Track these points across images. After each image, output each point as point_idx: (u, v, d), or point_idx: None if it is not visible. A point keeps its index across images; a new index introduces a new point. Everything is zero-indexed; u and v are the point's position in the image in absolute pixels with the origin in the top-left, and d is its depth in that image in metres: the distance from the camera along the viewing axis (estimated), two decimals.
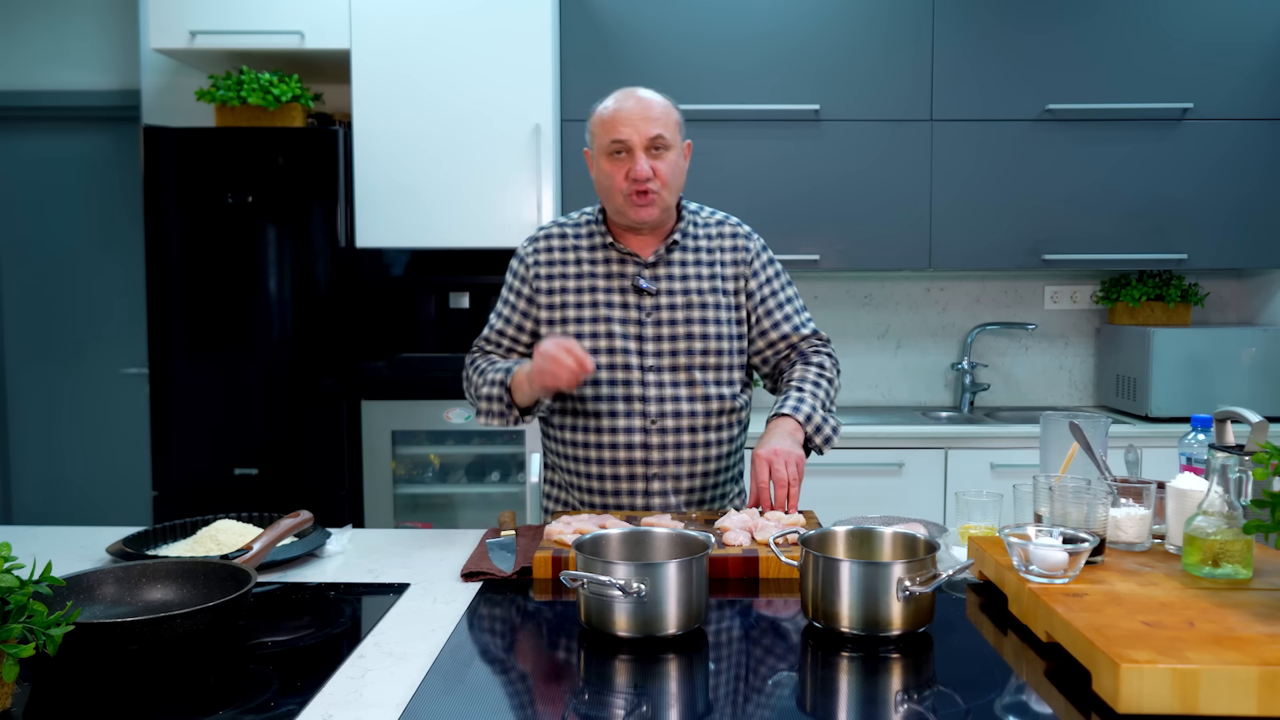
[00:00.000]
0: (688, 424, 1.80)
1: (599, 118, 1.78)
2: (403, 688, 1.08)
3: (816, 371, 1.86)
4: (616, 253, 1.83)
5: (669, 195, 1.78)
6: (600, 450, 1.81)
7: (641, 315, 1.80)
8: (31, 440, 3.82)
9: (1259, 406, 2.77)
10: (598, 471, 1.82)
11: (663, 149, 1.75)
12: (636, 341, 1.80)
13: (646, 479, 1.81)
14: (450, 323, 3.13)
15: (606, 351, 1.79)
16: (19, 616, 0.99)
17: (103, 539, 1.70)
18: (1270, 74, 3.25)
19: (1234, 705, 0.97)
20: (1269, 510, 1.17)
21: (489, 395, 1.80)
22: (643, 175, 1.73)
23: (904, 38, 3.26)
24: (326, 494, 3.07)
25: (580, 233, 1.87)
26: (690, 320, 1.80)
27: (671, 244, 1.83)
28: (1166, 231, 3.31)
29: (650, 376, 1.79)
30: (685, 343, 1.80)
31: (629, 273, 1.82)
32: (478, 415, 1.83)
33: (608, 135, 1.75)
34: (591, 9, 3.24)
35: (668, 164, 1.76)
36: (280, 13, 3.06)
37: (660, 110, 1.76)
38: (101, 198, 3.74)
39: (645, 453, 1.80)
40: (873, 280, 3.66)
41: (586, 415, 1.81)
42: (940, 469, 3.10)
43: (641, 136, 1.73)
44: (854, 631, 1.21)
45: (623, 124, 1.74)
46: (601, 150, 1.78)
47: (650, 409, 1.79)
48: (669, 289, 1.82)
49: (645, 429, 1.79)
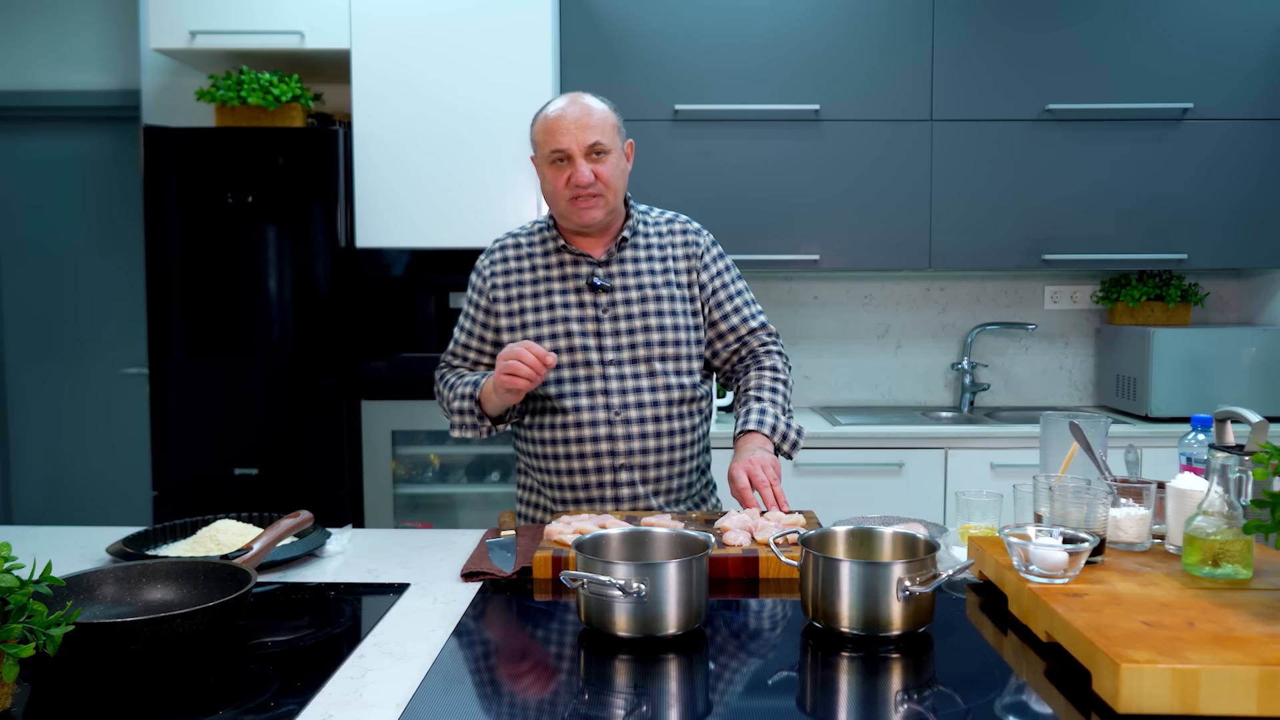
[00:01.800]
0: (651, 414, 1.84)
1: (540, 125, 1.83)
2: (403, 688, 1.08)
3: (771, 376, 1.91)
4: (569, 255, 1.88)
5: (612, 196, 1.83)
6: (568, 445, 1.84)
7: (598, 312, 1.85)
8: (31, 440, 3.82)
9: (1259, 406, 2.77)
10: (566, 466, 1.85)
11: (602, 154, 1.80)
12: (595, 338, 1.84)
13: (614, 469, 1.84)
14: (450, 323, 3.12)
15: (567, 350, 1.84)
16: (19, 616, 0.99)
17: (103, 539, 1.70)
18: (1270, 74, 3.25)
19: (1234, 705, 0.97)
20: (1269, 510, 1.17)
21: (460, 409, 1.86)
22: (584, 181, 1.78)
23: (904, 38, 3.26)
24: (326, 494, 3.07)
25: (534, 240, 1.92)
26: (646, 313, 1.85)
27: (621, 241, 1.89)
28: (1166, 231, 3.31)
29: (611, 370, 1.84)
30: (643, 335, 1.85)
31: (583, 273, 1.87)
32: (451, 429, 1.89)
33: (548, 145, 1.80)
34: (591, 8, 3.24)
35: (608, 167, 1.81)
36: (280, 13, 3.06)
37: (598, 117, 1.80)
38: (101, 198, 3.74)
39: (611, 444, 1.83)
40: (873, 280, 3.66)
41: (553, 413, 1.85)
42: (940, 469, 3.10)
43: (580, 145, 1.78)
44: (854, 631, 1.21)
45: (562, 133, 1.78)
46: (544, 158, 1.83)
47: (614, 401, 1.83)
48: (623, 284, 1.87)
49: (610, 420, 1.83)
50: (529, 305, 1.87)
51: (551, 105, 1.83)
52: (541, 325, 1.85)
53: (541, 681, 1.13)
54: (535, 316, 1.86)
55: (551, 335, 1.84)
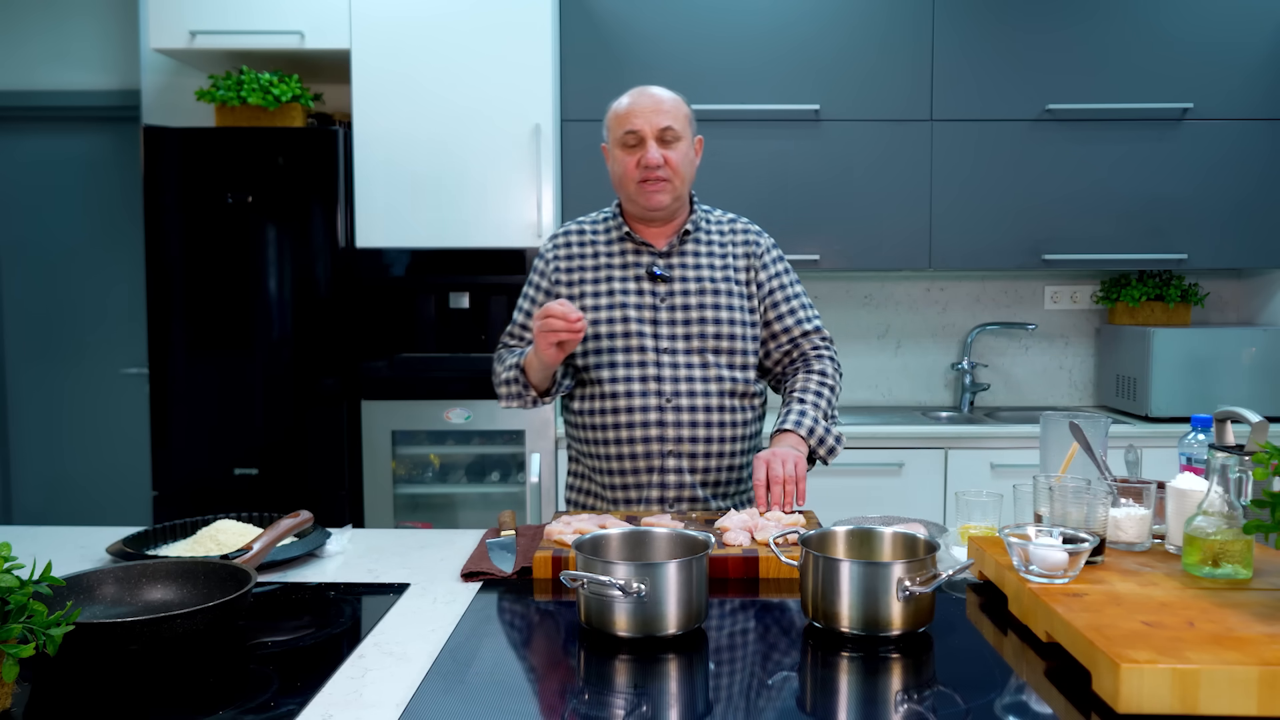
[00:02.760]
0: (702, 403, 1.86)
1: (614, 112, 1.89)
2: (403, 688, 1.08)
3: (818, 380, 1.90)
4: (632, 243, 1.92)
5: (679, 184, 1.87)
6: (618, 430, 1.87)
7: (656, 300, 1.89)
8: (31, 440, 3.82)
9: (1259, 406, 2.77)
10: (615, 451, 1.88)
11: (673, 140, 1.84)
12: (652, 325, 1.88)
13: (662, 456, 1.86)
14: (450, 323, 3.13)
15: (623, 335, 1.87)
16: (19, 616, 0.99)
17: (103, 539, 1.70)
18: (1270, 74, 3.25)
19: (1234, 705, 0.97)
20: (1269, 510, 1.17)
21: (508, 379, 1.92)
22: (653, 162, 1.82)
23: (904, 38, 3.26)
24: (326, 494, 3.07)
25: (598, 229, 1.97)
26: (704, 305, 1.88)
27: (684, 234, 1.92)
28: (1166, 231, 3.31)
29: (665, 358, 1.87)
30: (699, 326, 1.87)
31: (644, 261, 1.91)
32: (500, 400, 1.96)
33: (621, 127, 1.85)
34: (591, 9, 3.24)
35: (678, 153, 1.85)
36: (280, 13, 3.06)
37: (670, 104, 1.86)
38: (101, 198, 3.74)
39: (661, 430, 1.86)
40: (873, 280, 3.66)
41: (604, 398, 1.88)
42: (940, 469, 3.10)
43: (652, 127, 1.83)
44: (854, 631, 1.21)
45: (635, 115, 1.84)
46: (616, 142, 1.87)
47: (665, 388, 1.86)
48: (682, 275, 1.90)
49: (661, 407, 1.86)
50: (589, 290, 1.91)
51: (627, 94, 1.90)
52: (600, 310, 1.89)
53: (541, 681, 1.13)
54: (594, 301, 1.90)
55: (609, 320, 1.88)
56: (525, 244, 3.07)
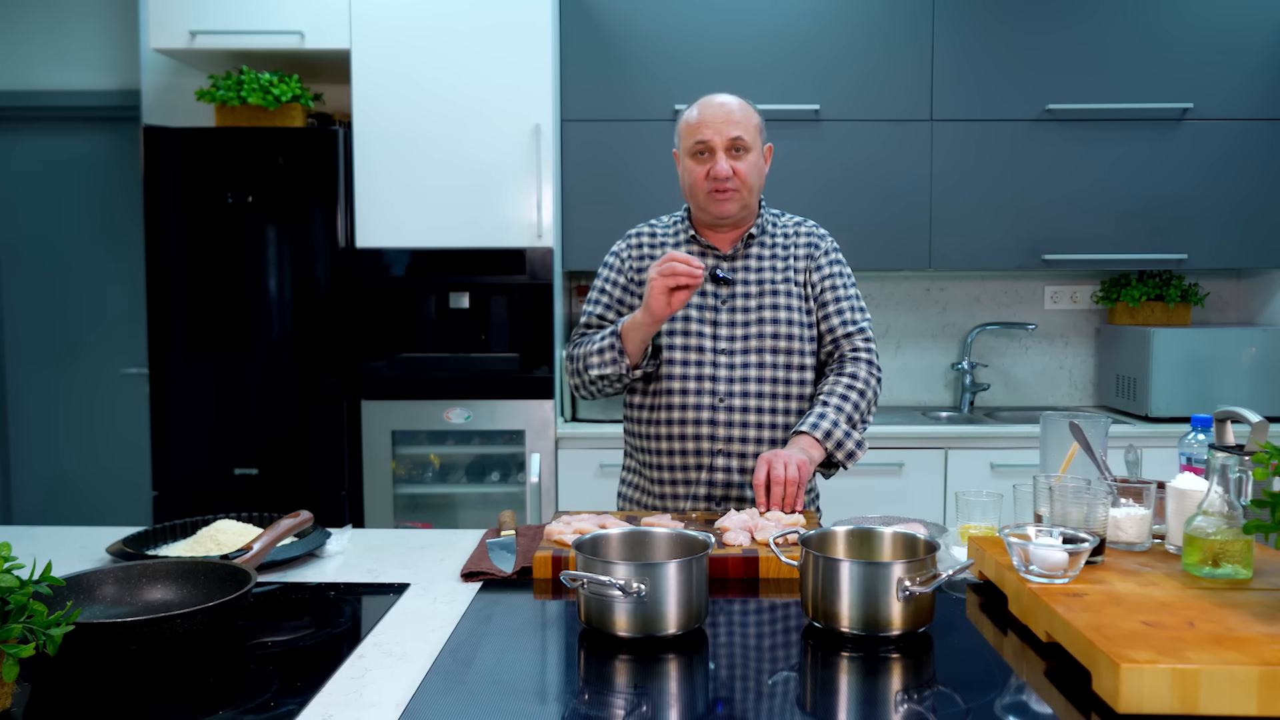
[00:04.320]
0: (754, 404, 1.89)
1: (685, 121, 1.91)
2: (403, 688, 1.08)
3: (847, 383, 1.89)
4: (699, 246, 1.96)
5: (748, 193, 1.89)
6: (670, 426, 1.90)
7: (718, 303, 1.92)
8: (31, 440, 3.82)
9: (1259, 406, 2.77)
10: (667, 448, 1.91)
11: (743, 150, 1.87)
12: (711, 326, 1.91)
13: (712, 454, 1.88)
14: (450, 323, 3.13)
15: (682, 334, 1.90)
16: (19, 616, 0.99)
17: (103, 539, 1.70)
18: (1270, 74, 3.25)
19: (1234, 705, 0.97)
20: (1269, 510, 1.17)
21: (601, 347, 1.88)
22: (723, 174, 1.85)
23: (904, 38, 3.26)
24: (326, 494, 3.07)
25: (668, 231, 2.01)
26: (762, 306, 1.91)
27: (749, 239, 1.95)
28: (1166, 231, 3.31)
29: (722, 359, 1.89)
30: (756, 326, 1.90)
31: (709, 264, 1.94)
32: (588, 370, 1.90)
33: (692, 137, 1.88)
34: (591, 8, 3.24)
35: (747, 164, 1.87)
36: (280, 13, 3.06)
37: (740, 114, 1.88)
38: (101, 198, 3.74)
39: (712, 429, 1.88)
40: (873, 280, 3.66)
41: (659, 394, 1.92)
42: (940, 469, 3.10)
43: (722, 138, 1.85)
44: (854, 631, 1.21)
45: (706, 126, 1.86)
46: (687, 151, 1.90)
47: (720, 388, 1.89)
48: (744, 279, 1.93)
49: (714, 406, 1.88)
50: None
51: (698, 102, 1.92)
52: None
53: (541, 681, 1.13)
54: None
55: (670, 319, 1.89)
56: (525, 244, 3.07)
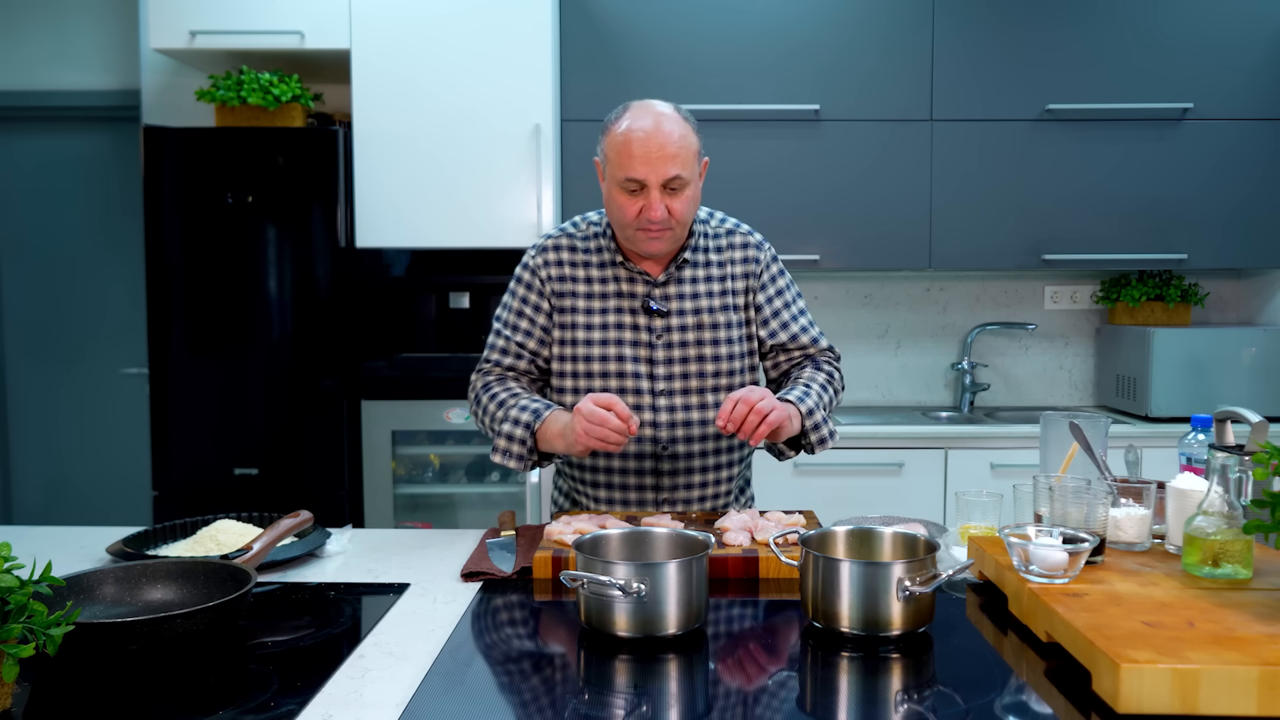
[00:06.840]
0: (699, 449, 1.77)
1: (613, 142, 1.66)
2: (403, 688, 1.08)
3: (825, 378, 1.81)
4: (626, 271, 1.76)
5: (681, 230, 1.71)
6: (610, 475, 1.79)
7: (652, 338, 1.75)
8: (31, 440, 3.82)
9: (1259, 406, 2.77)
10: (606, 496, 1.80)
11: (679, 188, 1.65)
12: (648, 364, 1.75)
13: (657, 504, 1.80)
14: (450, 323, 3.13)
15: (617, 375, 1.74)
16: (19, 616, 0.99)
17: (103, 539, 1.70)
18: (1270, 74, 3.25)
19: (1234, 705, 0.97)
20: (1269, 510, 1.17)
21: (509, 435, 1.69)
22: (657, 218, 1.64)
23: (904, 38, 3.26)
24: (326, 494, 3.07)
25: (589, 246, 1.78)
26: (701, 341, 1.75)
27: (682, 262, 1.77)
28: (1166, 231, 3.31)
29: (661, 401, 1.75)
30: (696, 364, 1.75)
31: (639, 292, 1.76)
32: (493, 453, 1.72)
33: (622, 170, 1.64)
34: (591, 9, 3.24)
35: (682, 201, 1.66)
36: (280, 13, 3.06)
37: (678, 146, 1.63)
38: (101, 198, 3.74)
39: (656, 479, 1.78)
40: (873, 280, 3.66)
41: None
42: (940, 469, 3.10)
43: (658, 176, 1.62)
44: (854, 631, 1.21)
45: (639, 161, 1.62)
46: (614, 181, 1.66)
47: (661, 434, 1.75)
48: (679, 309, 1.76)
49: (656, 455, 1.77)
50: (581, 321, 1.76)
51: (630, 122, 1.64)
52: (593, 345, 1.75)
53: (541, 681, 1.13)
54: (587, 334, 1.75)
55: (602, 358, 1.74)
56: (525, 244, 3.07)
